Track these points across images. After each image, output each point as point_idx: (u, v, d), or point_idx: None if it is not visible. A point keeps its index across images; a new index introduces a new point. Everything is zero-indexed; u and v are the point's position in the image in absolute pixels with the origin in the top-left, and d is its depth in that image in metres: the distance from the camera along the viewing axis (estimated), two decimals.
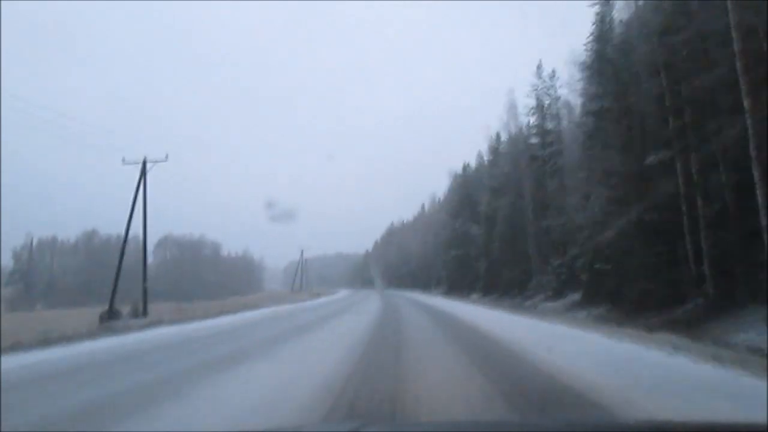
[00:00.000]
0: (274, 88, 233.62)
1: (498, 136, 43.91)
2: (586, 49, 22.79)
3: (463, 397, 5.68)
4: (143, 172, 23.77)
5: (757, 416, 3.92)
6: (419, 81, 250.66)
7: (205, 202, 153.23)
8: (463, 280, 54.38)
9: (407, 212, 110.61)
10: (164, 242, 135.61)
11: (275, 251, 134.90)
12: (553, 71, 31.14)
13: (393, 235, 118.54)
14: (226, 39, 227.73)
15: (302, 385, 6.56)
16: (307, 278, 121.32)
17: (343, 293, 69.93)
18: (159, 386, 7.01)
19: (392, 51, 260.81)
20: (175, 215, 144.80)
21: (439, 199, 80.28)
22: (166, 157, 23.86)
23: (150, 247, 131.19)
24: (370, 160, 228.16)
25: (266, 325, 18.33)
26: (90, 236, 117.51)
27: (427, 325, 17.45)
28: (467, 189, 50.21)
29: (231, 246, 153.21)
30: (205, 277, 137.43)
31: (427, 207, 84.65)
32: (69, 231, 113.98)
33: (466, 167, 52.15)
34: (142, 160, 23.70)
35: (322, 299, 46.91)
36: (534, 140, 32.60)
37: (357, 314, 22.76)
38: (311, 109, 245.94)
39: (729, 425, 2.44)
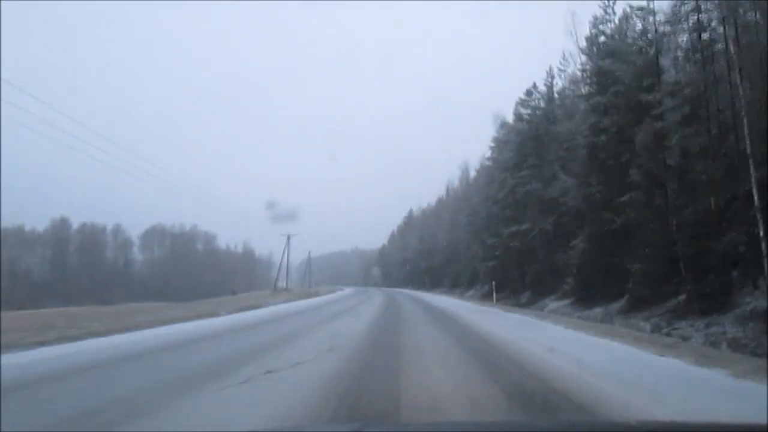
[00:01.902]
0: (283, 87, 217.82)
1: (601, 17, 22.64)
2: None
3: None
4: None
5: None
6: (433, 58, 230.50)
7: (212, 202, 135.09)
8: (521, 276, 33.50)
9: (431, 200, 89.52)
10: (152, 233, 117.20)
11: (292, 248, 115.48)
12: None
13: (411, 225, 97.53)
14: (227, 41, 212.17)
15: None
16: (310, 275, 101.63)
17: (339, 294, 49.24)
18: None
19: (400, 33, 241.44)
20: (178, 214, 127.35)
21: (472, 175, 58.83)
22: None
23: (134, 239, 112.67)
24: (389, 151, 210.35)
25: None
26: (61, 226, 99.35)
27: None
28: (536, 124, 29.13)
29: (245, 245, 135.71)
30: (200, 274, 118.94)
31: (456, 183, 63.20)
32: (36, 219, 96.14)
33: (531, 91, 30.76)
34: None
35: (282, 307, 26.74)
36: None
37: None
38: (324, 106, 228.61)
39: (729, 426, 2.34)
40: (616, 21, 21.66)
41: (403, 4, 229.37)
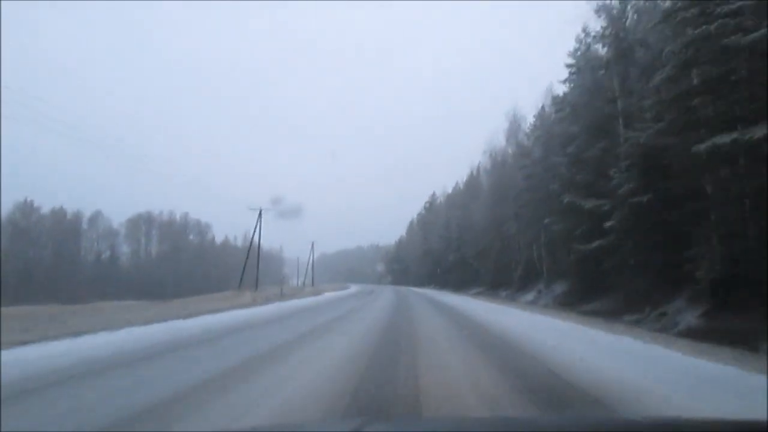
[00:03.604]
0: (289, 85, 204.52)
1: None
2: None
3: None
4: None
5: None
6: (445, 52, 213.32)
7: (212, 195, 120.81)
8: (662, 268, 16.37)
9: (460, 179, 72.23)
10: (137, 222, 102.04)
11: (305, 245, 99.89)
12: None
13: (434, 212, 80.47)
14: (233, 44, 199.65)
15: None
16: (313, 272, 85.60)
17: (329, 296, 32.43)
18: None
19: (403, 32, 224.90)
20: (177, 209, 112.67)
21: (528, 123, 41.10)
22: None
23: (115, 225, 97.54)
24: (408, 143, 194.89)
25: None
26: (25, 210, 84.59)
27: None
28: None
29: (246, 237, 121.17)
30: (192, 268, 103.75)
31: (501, 141, 44.15)
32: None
33: None
34: None
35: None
36: None
37: None
38: (332, 103, 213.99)
39: (731, 422, 2.26)
40: None
41: (404, 3, 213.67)
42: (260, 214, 36.99)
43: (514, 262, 37.24)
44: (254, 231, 37.85)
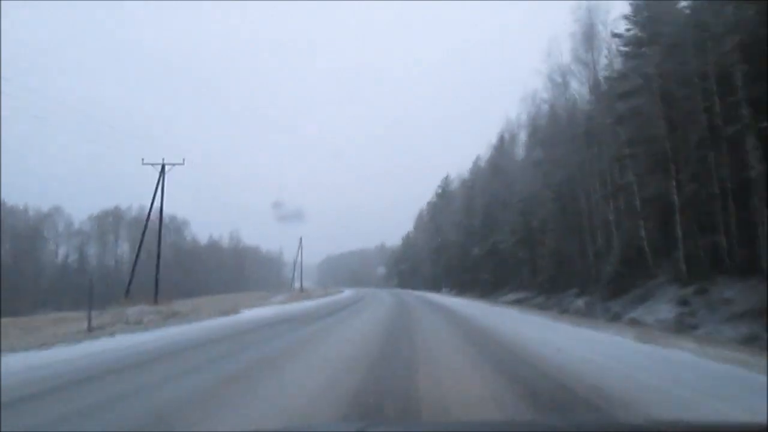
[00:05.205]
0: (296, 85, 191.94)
1: None
2: None
3: None
4: None
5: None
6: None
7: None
8: None
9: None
10: (103, 219, 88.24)
11: (308, 246, 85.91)
12: None
13: (448, 198, 66.03)
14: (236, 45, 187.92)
15: None
16: (302, 275, 71.43)
17: (259, 313, 17.89)
18: None
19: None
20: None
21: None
22: None
23: (77, 223, 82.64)
24: (412, 143, 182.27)
25: None
26: None
27: None
28: None
29: (232, 236, 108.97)
30: (169, 272, 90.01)
31: (561, 63, 27.81)
32: None
33: None
34: None
35: None
36: None
37: None
38: (339, 102, 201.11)
39: (730, 425, 2.24)
40: None
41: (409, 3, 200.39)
42: (162, 170, 22.77)
43: (594, 252, 22.84)
44: (153, 201, 23.52)
